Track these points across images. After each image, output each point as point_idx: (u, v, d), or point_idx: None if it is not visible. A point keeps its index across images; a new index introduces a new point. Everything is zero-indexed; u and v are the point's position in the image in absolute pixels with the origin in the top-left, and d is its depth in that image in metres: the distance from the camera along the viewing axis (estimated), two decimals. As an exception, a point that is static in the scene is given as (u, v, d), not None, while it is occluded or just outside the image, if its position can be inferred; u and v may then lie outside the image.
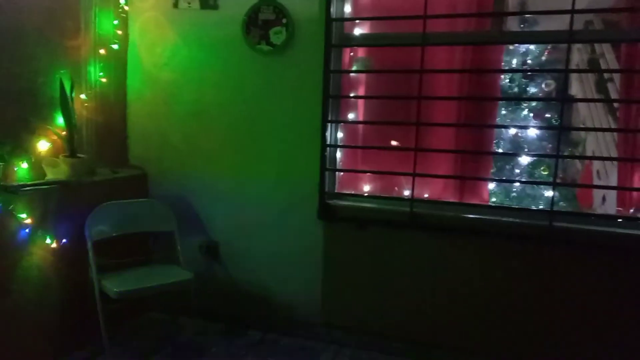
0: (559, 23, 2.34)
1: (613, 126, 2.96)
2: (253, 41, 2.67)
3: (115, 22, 2.82)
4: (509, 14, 2.42)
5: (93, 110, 2.76)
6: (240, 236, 2.88)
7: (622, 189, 2.44)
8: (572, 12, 2.20)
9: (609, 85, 3.26)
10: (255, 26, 2.66)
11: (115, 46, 2.83)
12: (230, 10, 2.70)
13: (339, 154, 2.75)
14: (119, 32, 2.85)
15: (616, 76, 3.00)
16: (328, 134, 2.64)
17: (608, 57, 3.18)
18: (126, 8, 2.87)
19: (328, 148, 2.65)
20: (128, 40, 2.92)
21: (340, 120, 2.69)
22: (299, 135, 2.70)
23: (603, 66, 3.19)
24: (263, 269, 2.85)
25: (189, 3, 2.76)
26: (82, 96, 2.66)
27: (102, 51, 2.74)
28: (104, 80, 2.78)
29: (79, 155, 2.54)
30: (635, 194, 2.40)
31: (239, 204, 2.86)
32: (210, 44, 2.78)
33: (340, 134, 2.72)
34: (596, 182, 3.28)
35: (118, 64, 2.91)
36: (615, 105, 2.98)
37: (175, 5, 2.80)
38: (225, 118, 2.83)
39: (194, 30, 2.80)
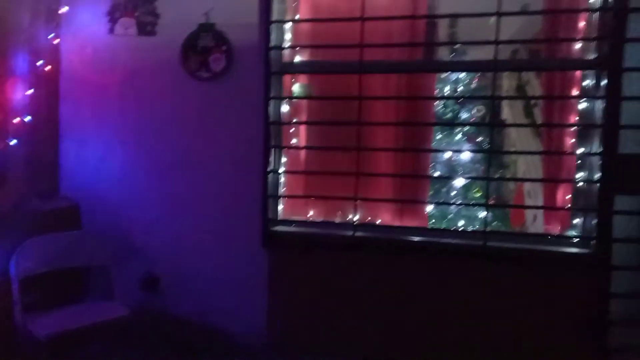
0: (486, 52, 2.51)
1: (539, 148, 3.17)
2: (192, 68, 2.66)
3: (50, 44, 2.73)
4: (439, 44, 2.56)
5: (22, 137, 2.61)
6: (181, 266, 2.79)
7: (543, 208, 2.61)
8: (496, 43, 2.37)
9: (535, 110, 3.51)
10: (195, 52, 2.65)
11: (48, 68, 2.72)
12: (168, 36, 2.68)
13: (282, 180, 2.76)
14: (53, 56, 2.75)
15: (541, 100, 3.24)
16: (270, 159, 2.65)
17: (533, 83, 3.42)
18: (61, 32, 2.79)
19: (270, 174, 2.66)
20: (60, 65, 2.82)
21: (282, 146, 2.71)
22: (241, 162, 2.68)
23: (529, 92, 3.43)
24: (206, 299, 2.76)
25: (126, 29, 2.72)
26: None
27: (34, 75, 2.63)
28: (34, 106, 2.66)
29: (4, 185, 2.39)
30: (560, 212, 2.57)
31: (179, 233, 2.78)
32: (147, 70, 2.73)
33: (283, 159, 2.73)
34: (527, 201, 3.48)
35: (50, 90, 2.79)
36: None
37: (111, 31, 2.74)
38: (162, 145, 2.77)
39: (130, 57, 2.74)
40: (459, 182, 2.89)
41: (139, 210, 2.81)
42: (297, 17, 2.71)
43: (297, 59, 2.71)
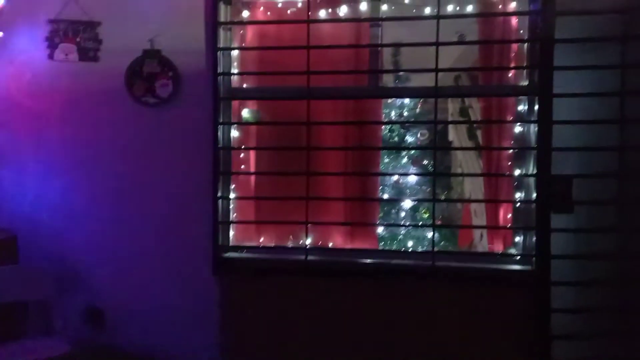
0: (429, 79, 2.61)
1: (482, 168, 3.31)
2: (138, 93, 2.62)
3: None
4: (382, 72, 2.65)
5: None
6: (127, 297, 2.69)
7: (485, 227, 2.72)
8: (436, 71, 2.48)
9: (477, 132, 3.68)
10: (140, 78, 2.62)
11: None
12: (112, 62, 2.64)
13: (232, 205, 2.73)
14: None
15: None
16: (220, 185, 2.63)
17: (475, 106, 3.60)
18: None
19: (220, 200, 2.63)
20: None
21: (231, 172, 2.69)
22: (189, 188, 2.64)
23: (472, 114, 3.60)
24: (154, 331, 2.67)
25: (66, 55, 2.65)
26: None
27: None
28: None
29: None
30: (502, 231, 2.68)
31: (124, 263, 2.69)
32: (90, 97, 2.67)
33: (233, 185, 2.71)
34: (474, 219, 3.62)
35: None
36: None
37: (51, 56, 2.67)
38: (106, 172, 2.69)
39: (72, 83, 2.67)
40: (407, 203, 2.97)
41: (81, 240, 2.70)
42: (244, 44, 2.74)
43: (246, 84, 2.73)
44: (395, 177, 3.06)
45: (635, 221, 2.37)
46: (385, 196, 3.03)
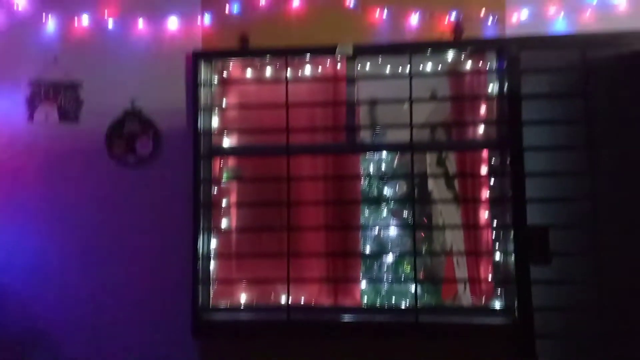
0: (405, 133, 2.68)
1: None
2: (117, 153, 2.62)
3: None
4: (359, 128, 2.72)
5: None
6: (103, 362, 2.57)
7: (466, 281, 2.71)
8: (411, 126, 2.56)
9: (455, 182, 3.74)
10: (120, 138, 2.63)
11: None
12: (92, 122, 2.65)
13: (212, 264, 2.69)
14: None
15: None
16: (200, 244, 2.60)
17: (451, 157, 3.68)
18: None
19: (200, 259, 2.59)
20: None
21: (212, 229, 2.67)
22: (169, 246, 2.60)
23: (448, 165, 3.67)
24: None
25: (46, 116, 2.66)
26: None
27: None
28: None
29: None
30: (483, 284, 2.68)
31: (100, 324, 2.58)
32: (69, 156, 2.66)
33: (213, 243, 2.69)
34: (457, 270, 3.60)
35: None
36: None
37: (31, 118, 2.68)
38: (84, 231, 2.64)
39: (51, 143, 2.67)
40: (389, 257, 2.96)
41: (54, 304, 2.59)
42: (224, 101, 2.80)
43: (226, 142, 2.77)
44: (376, 231, 3.06)
45: (609, 271, 2.40)
46: (367, 250, 3.02)
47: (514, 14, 2.52)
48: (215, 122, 2.73)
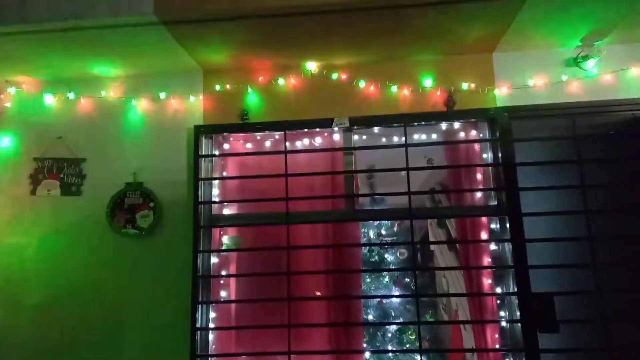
0: (404, 198, 2.70)
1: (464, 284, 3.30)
2: (118, 225, 2.64)
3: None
4: (358, 196, 2.76)
5: None
6: None
7: (473, 350, 2.64)
8: (409, 193, 2.59)
9: (457, 247, 3.73)
10: (121, 210, 2.66)
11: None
12: (94, 195, 2.69)
13: (211, 336, 2.62)
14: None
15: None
16: (199, 315, 2.55)
17: (449, 222, 3.69)
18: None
19: (199, 332, 2.53)
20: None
21: (211, 301, 2.63)
22: (168, 319, 2.55)
23: (449, 226, 3.67)
24: None
25: (49, 190, 2.70)
26: None
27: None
28: None
29: None
30: (491, 352, 2.61)
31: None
32: (70, 231, 2.68)
33: (212, 314, 2.64)
34: (463, 333, 3.51)
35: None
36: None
37: (33, 192, 2.72)
38: (79, 309, 2.61)
39: (53, 216, 2.69)
40: (392, 326, 2.89)
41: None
42: (225, 172, 2.85)
43: (226, 212, 2.79)
44: (379, 299, 3.01)
45: (619, 339, 2.35)
46: (370, 317, 2.96)
47: (504, 85, 2.63)
48: (215, 192, 2.77)
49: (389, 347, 2.81)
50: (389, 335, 2.93)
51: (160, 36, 2.36)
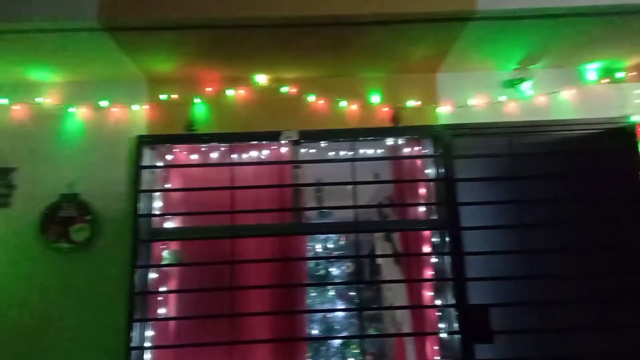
0: (351, 213, 2.73)
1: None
2: (50, 239, 2.49)
3: None
4: (305, 209, 2.76)
5: None
6: None
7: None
8: (355, 207, 2.63)
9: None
10: (54, 223, 2.51)
11: None
12: (24, 207, 2.52)
13: (148, 356, 2.51)
14: None
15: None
16: (134, 334, 2.44)
17: (395, 236, 3.76)
18: None
19: (133, 351, 2.42)
20: None
21: (148, 319, 2.52)
22: (102, 339, 2.42)
23: (394, 238, 3.74)
24: None
25: (-29, 202, 2.52)
26: None
27: None
28: None
29: None
30: (432, 362, 2.66)
31: None
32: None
33: (149, 333, 2.53)
34: (407, 346, 3.57)
35: None
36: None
37: (-46, 204, 2.53)
38: (3, 329, 2.42)
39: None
40: (336, 340, 2.89)
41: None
42: (167, 184, 2.77)
43: (168, 225, 2.71)
44: (323, 313, 3.01)
45: (551, 348, 2.46)
46: (315, 332, 2.95)
47: (446, 104, 2.72)
48: (157, 205, 2.68)
49: (333, 362, 2.80)
50: (333, 349, 2.92)
51: (102, 43, 2.28)
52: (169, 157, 2.79)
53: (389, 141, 2.80)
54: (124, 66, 2.53)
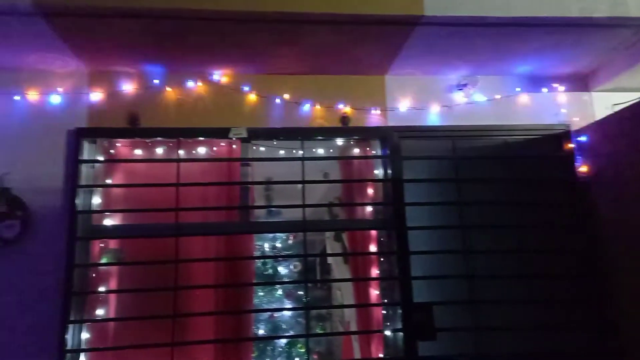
0: (301, 213, 2.72)
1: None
2: (-23, 236, 2.33)
3: None
4: (253, 207, 2.72)
5: None
6: None
7: None
8: (303, 206, 2.62)
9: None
10: (-19, 219, 2.35)
11: None
12: (-52, 201, 2.35)
13: (84, 359, 2.40)
14: None
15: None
16: (69, 336, 2.32)
17: (344, 235, 3.80)
18: None
19: (68, 354, 2.30)
20: None
21: (84, 320, 2.41)
22: (34, 342, 2.28)
23: (344, 237, 3.77)
24: None
25: None
26: None
27: None
28: None
29: None
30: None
31: None
32: None
33: (85, 335, 2.41)
34: (354, 344, 3.61)
35: None
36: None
37: None
38: None
39: None
40: (281, 340, 2.88)
41: None
42: (109, 180, 2.65)
43: (108, 222, 2.60)
44: (270, 313, 2.98)
45: (487, 346, 2.56)
46: (261, 332, 2.92)
47: (395, 107, 2.77)
48: (96, 201, 2.57)
49: (279, 362, 2.79)
50: (279, 349, 2.90)
51: (39, 29, 2.15)
52: (111, 152, 2.67)
53: (339, 141, 2.82)
54: (62, 54, 2.40)
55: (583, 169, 2.73)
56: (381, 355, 2.65)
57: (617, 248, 2.52)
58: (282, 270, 3.17)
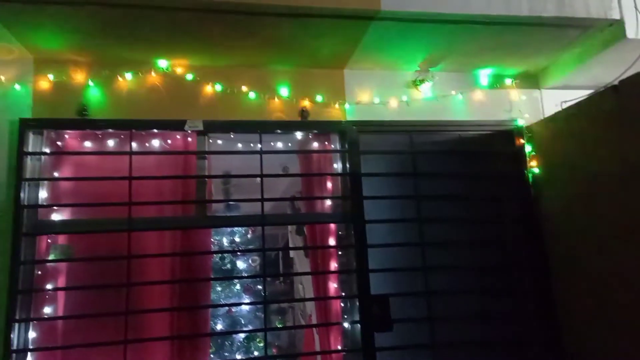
0: (259, 206, 2.69)
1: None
2: None
3: None
4: (210, 202, 2.67)
5: None
6: None
7: (314, 353, 2.73)
8: (262, 200, 2.59)
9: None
10: None
11: None
12: None
13: (31, 359, 2.30)
14: None
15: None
16: (15, 336, 2.22)
17: (306, 229, 3.80)
18: None
19: (14, 354, 2.20)
20: None
21: (31, 318, 2.31)
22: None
23: (306, 231, 3.78)
24: None
25: None
26: None
27: None
28: None
29: None
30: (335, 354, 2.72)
31: None
32: None
33: (32, 334, 2.31)
34: (316, 338, 3.64)
35: None
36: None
37: None
38: None
39: None
40: (239, 335, 2.85)
41: None
42: (57, 173, 2.54)
43: (56, 217, 2.49)
44: (228, 308, 2.95)
45: (441, 336, 2.63)
46: (219, 327, 2.88)
47: (353, 101, 2.79)
48: (43, 195, 2.45)
49: (237, 357, 2.76)
50: (237, 344, 2.88)
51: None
52: (59, 144, 2.56)
53: (299, 135, 2.81)
54: (4, 41, 2.27)
55: (532, 163, 2.84)
56: (339, 347, 2.68)
57: (562, 242, 2.63)
58: (240, 265, 3.14)
